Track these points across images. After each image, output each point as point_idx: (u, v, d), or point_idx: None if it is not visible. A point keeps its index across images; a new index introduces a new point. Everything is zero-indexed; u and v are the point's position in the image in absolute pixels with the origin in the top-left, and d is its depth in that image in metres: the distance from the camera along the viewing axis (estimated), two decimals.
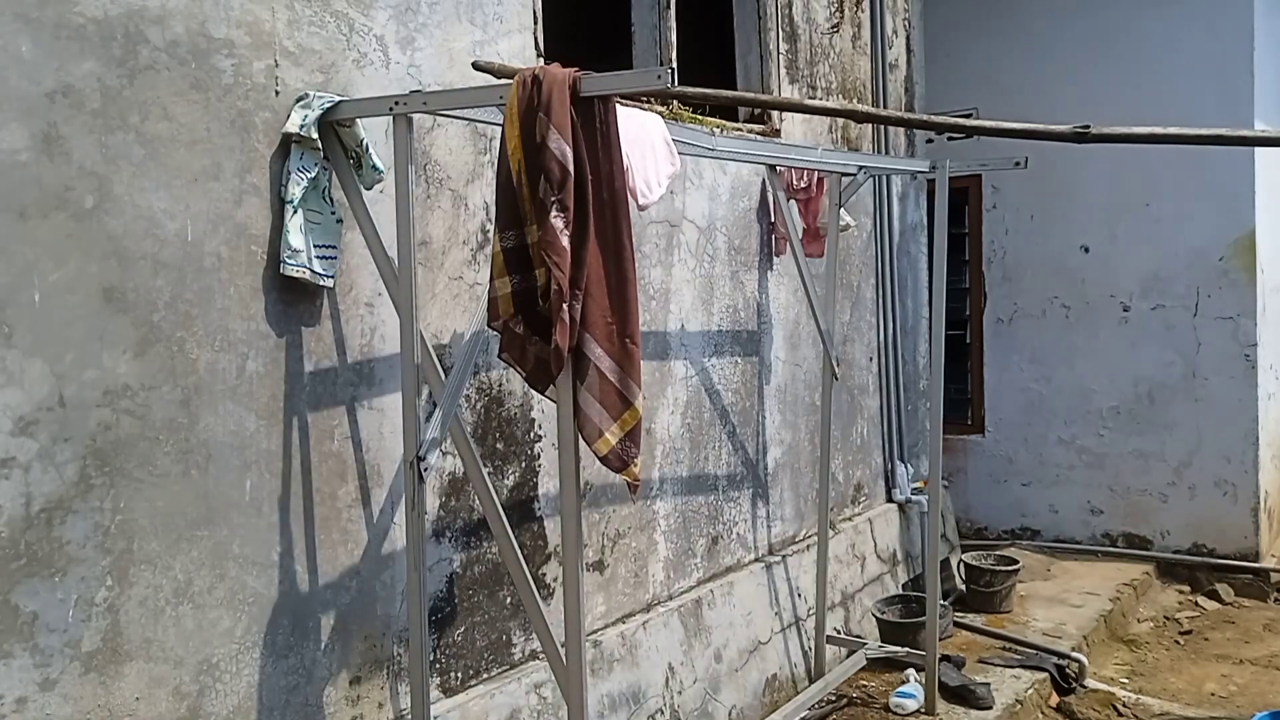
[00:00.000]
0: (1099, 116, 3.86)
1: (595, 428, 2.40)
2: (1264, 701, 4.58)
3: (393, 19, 2.92)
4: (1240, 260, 6.02)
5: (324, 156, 2.65)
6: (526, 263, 2.39)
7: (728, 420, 4.41)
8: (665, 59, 4.17)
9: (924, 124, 3.90)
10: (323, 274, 2.66)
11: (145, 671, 2.36)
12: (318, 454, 2.75)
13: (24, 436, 2.13)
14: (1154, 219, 6.15)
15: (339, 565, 2.82)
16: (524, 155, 2.33)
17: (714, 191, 4.30)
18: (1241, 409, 6.03)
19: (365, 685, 2.89)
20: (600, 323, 2.37)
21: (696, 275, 4.19)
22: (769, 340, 4.70)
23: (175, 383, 2.41)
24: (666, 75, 2.25)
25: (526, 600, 2.79)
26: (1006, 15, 6.48)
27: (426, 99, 2.53)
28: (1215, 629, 5.59)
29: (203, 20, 2.45)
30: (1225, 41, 5.90)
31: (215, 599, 2.50)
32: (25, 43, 2.13)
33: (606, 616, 3.74)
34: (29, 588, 2.15)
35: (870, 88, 5.58)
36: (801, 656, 4.69)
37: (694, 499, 4.22)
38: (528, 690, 3.30)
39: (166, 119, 2.38)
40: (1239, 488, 6.08)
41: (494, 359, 2.85)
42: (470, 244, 3.18)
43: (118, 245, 2.29)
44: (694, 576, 4.22)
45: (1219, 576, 6.10)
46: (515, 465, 3.36)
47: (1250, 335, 6.02)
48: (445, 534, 3.12)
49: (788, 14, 4.82)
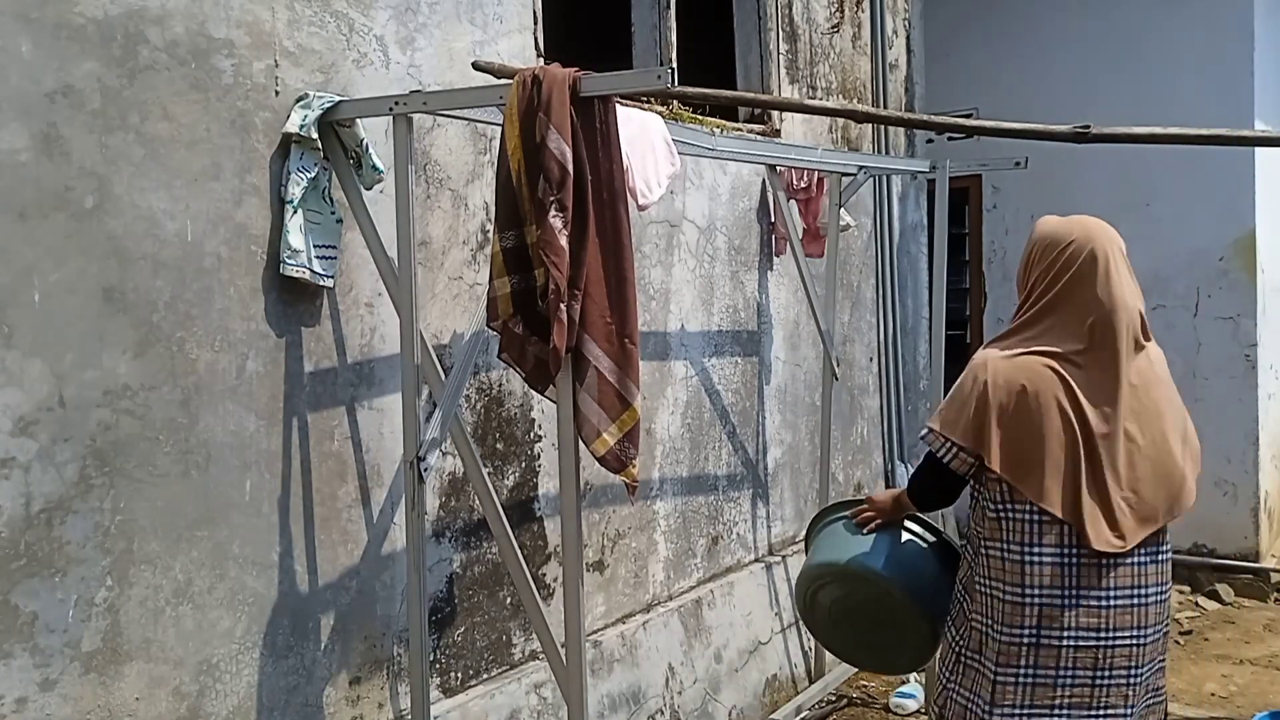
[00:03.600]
0: (1099, 116, 3.86)
1: (593, 428, 2.40)
2: (1264, 702, 4.58)
3: (393, 19, 2.92)
4: (1240, 260, 6.01)
5: (324, 156, 2.65)
6: (526, 263, 2.39)
7: (728, 420, 4.41)
8: (665, 59, 4.17)
9: (924, 124, 3.90)
10: (323, 274, 2.66)
11: (145, 671, 2.36)
12: (317, 454, 2.75)
13: (24, 436, 2.13)
14: (1154, 219, 6.14)
15: (339, 565, 2.82)
16: (524, 155, 2.33)
17: (714, 191, 4.30)
18: (1241, 409, 6.03)
19: (365, 685, 2.89)
20: (599, 323, 2.37)
21: (696, 275, 4.19)
22: (769, 340, 4.70)
23: (175, 383, 2.41)
24: (666, 75, 2.25)
25: (526, 600, 2.79)
26: (1006, 15, 6.47)
27: (426, 99, 2.53)
28: (1215, 629, 5.59)
29: (203, 20, 2.45)
30: (1225, 41, 5.90)
31: (215, 599, 2.50)
32: (25, 43, 2.13)
33: (606, 616, 3.74)
34: (29, 588, 2.15)
35: (870, 88, 5.58)
36: (801, 656, 4.69)
37: (694, 499, 4.22)
38: (528, 690, 3.30)
39: (166, 119, 2.38)
40: (1239, 488, 6.07)
41: (494, 359, 2.85)
42: (470, 244, 3.18)
43: (118, 245, 2.29)
44: (694, 576, 4.22)
45: (1219, 576, 6.09)
46: (515, 465, 3.36)
47: (1250, 335, 6.01)
48: (445, 534, 3.12)
49: (788, 14, 4.81)
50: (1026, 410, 2.39)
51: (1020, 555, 2.42)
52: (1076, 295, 2.44)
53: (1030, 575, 2.41)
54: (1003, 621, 2.44)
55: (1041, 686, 2.42)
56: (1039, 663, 2.41)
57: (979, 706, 2.48)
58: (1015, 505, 2.43)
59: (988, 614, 2.48)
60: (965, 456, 2.46)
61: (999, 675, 2.44)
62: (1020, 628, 2.42)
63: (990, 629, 2.47)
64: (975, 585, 2.52)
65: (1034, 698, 2.42)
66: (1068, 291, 2.44)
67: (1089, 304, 2.42)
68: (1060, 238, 2.50)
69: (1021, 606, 2.41)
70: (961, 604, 2.60)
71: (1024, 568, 2.41)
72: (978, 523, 2.54)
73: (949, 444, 2.48)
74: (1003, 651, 2.43)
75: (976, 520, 2.55)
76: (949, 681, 2.57)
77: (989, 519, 2.48)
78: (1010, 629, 2.43)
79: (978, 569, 2.51)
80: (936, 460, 2.52)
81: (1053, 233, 2.53)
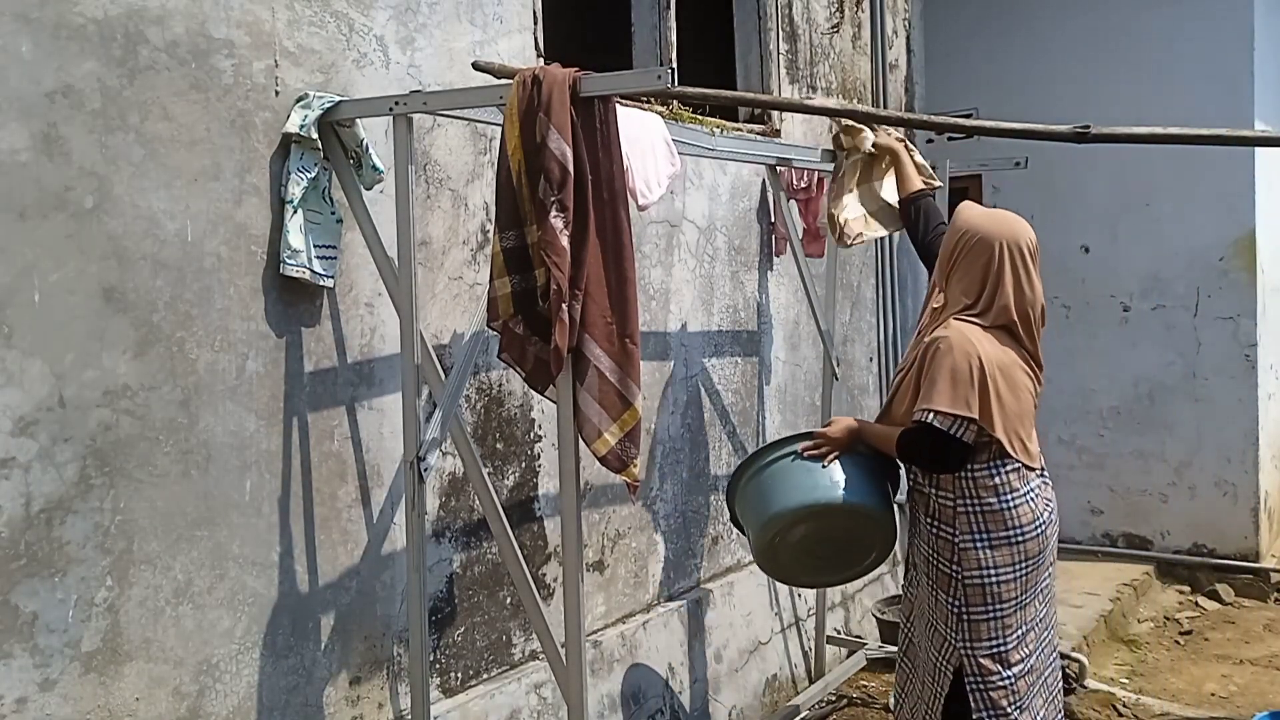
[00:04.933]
0: (1099, 116, 3.86)
1: (594, 428, 2.40)
2: (1264, 702, 4.58)
3: (393, 19, 2.92)
4: (1240, 260, 6.01)
5: (324, 156, 2.65)
6: (526, 263, 2.39)
7: (728, 420, 4.41)
8: (665, 59, 4.17)
9: (924, 124, 3.90)
10: (323, 274, 2.66)
11: (145, 672, 2.36)
12: (317, 454, 2.75)
13: (24, 436, 2.13)
14: (1154, 219, 6.14)
15: (339, 565, 2.82)
16: (524, 155, 2.33)
17: (714, 191, 4.30)
18: (1241, 409, 6.02)
19: (365, 685, 2.89)
20: (599, 323, 2.37)
21: (696, 275, 4.19)
22: (769, 340, 4.70)
23: (175, 383, 2.41)
24: (666, 75, 2.25)
25: (526, 600, 2.79)
26: (1006, 15, 6.46)
27: (426, 99, 2.53)
28: (1215, 629, 5.59)
29: (203, 20, 2.45)
30: (1225, 41, 5.89)
31: (215, 599, 2.50)
32: (25, 43, 2.13)
33: (606, 616, 3.74)
34: (29, 588, 2.15)
35: (870, 88, 5.58)
36: (801, 657, 4.69)
37: (694, 499, 4.22)
38: (528, 690, 3.30)
39: (166, 119, 2.38)
40: (1239, 488, 6.07)
41: (494, 359, 2.85)
42: (470, 244, 3.18)
43: (118, 245, 2.29)
44: (694, 576, 4.22)
45: (1219, 576, 6.09)
46: (515, 465, 3.36)
47: (1250, 335, 6.01)
48: (445, 534, 3.12)
49: (788, 14, 4.82)
50: (1010, 381, 2.80)
51: (1011, 503, 2.80)
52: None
53: (1017, 517, 2.80)
54: (997, 565, 2.79)
55: (1031, 604, 2.86)
56: (1027, 587, 2.83)
57: (1001, 643, 2.81)
58: (1005, 461, 2.80)
59: (983, 566, 2.79)
60: (973, 426, 2.73)
61: (1002, 611, 2.81)
62: (1015, 564, 2.80)
63: (987, 580, 2.79)
64: (959, 546, 2.81)
65: (1028, 616, 2.86)
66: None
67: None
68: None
69: (1011, 546, 2.79)
70: (941, 570, 2.85)
71: (1012, 512, 2.79)
72: (952, 487, 2.82)
73: (959, 420, 2.72)
74: (1004, 591, 2.79)
75: (949, 484, 2.82)
76: (960, 642, 2.83)
77: (977, 479, 2.80)
78: (1007, 569, 2.79)
79: (960, 529, 2.81)
80: (944, 435, 2.74)
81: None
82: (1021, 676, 2.83)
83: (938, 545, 2.85)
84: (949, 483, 2.83)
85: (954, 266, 2.90)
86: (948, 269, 2.93)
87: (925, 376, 2.79)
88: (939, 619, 2.87)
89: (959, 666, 2.84)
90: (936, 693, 2.89)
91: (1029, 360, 2.89)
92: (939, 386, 2.72)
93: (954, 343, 2.74)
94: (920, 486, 2.91)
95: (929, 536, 2.88)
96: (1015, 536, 2.80)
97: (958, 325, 2.80)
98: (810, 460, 2.98)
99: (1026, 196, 6.34)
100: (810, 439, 3.04)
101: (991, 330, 2.81)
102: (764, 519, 3.01)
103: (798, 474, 2.97)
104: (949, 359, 2.73)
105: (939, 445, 2.76)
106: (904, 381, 2.94)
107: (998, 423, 2.75)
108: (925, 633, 2.95)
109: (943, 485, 2.84)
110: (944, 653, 2.87)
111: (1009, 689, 2.81)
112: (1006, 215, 2.95)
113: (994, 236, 2.84)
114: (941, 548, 2.84)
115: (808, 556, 3.09)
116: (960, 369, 2.72)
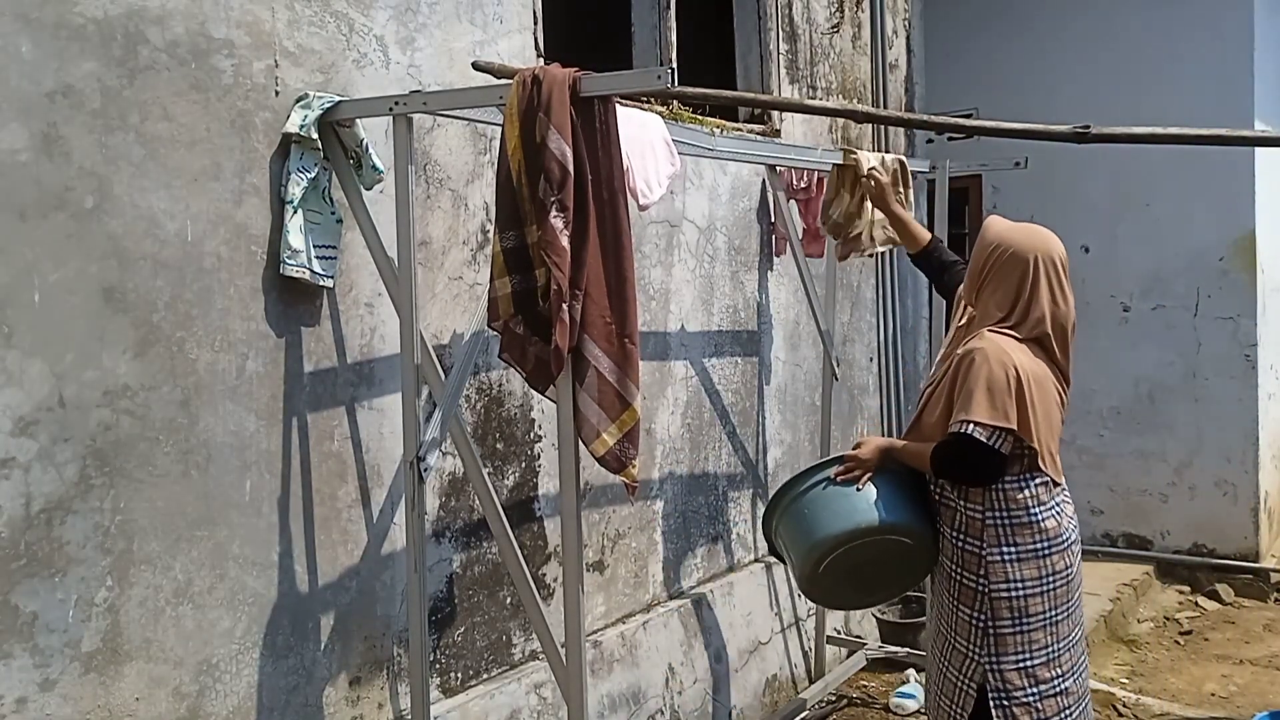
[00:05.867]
0: (1099, 116, 3.86)
1: (593, 428, 2.40)
2: (1264, 702, 4.58)
3: (393, 19, 2.92)
4: (1240, 260, 6.01)
5: (324, 156, 2.65)
6: (527, 263, 2.39)
7: (728, 420, 4.41)
8: (665, 59, 4.17)
9: (924, 124, 3.90)
10: (322, 274, 2.66)
11: (145, 672, 2.36)
12: (317, 454, 2.75)
13: (24, 436, 2.13)
14: (1154, 219, 6.14)
15: (339, 566, 2.82)
16: (524, 155, 2.33)
17: (714, 191, 4.30)
18: (1241, 409, 6.02)
19: (365, 686, 2.89)
20: (599, 323, 2.37)
21: (696, 275, 4.19)
22: (769, 340, 4.70)
23: (175, 383, 2.41)
24: (666, 75, 2.25)
25: (526, 600, 2.79)
26: (1006, 15, 6.47)
27: (426, 99, 2.53)
28: (1215, 629, 5.59)
29: (203, 20, 2.45)
30: (1225, 41, 5.89)
31: (215, 599, 2.50)
32: (25, 43, 2.13)
33: (606, 616, 3.74)
34: (29, 588, 2.15)
35: (870, 88, 5.58)
36: (801, 657, 4.69)
37: (694, 499, 4.22)
38: (528, 690, 3.30)
39: (166, 119, 2.38)
40: (1239, 488, 6.07)
41: (494, 359, 2.85)
42: (470, 244, 3.18)
43: (118, 245, 2.29)
44: (694, 576, 4.22)
45: (1219, 576, 6.09)
46: (515, 465, 3.36)
47: (1250, 335, 6.01)
48: (445, 534, 3.12)
49: (788, 14, 4.81)
50: (1043, 393, 2.75)
51: (1039, 516, 2.76)
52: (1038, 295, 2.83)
53: (1045, 530, 2.76)
54: (1024, 579, 2.75)
55: (1063, 623, 2.81)
56: (1056, 603, 2.78)
57: (1028, 657, 2.76)
58: (1035, 474, 2.77)
59: (1010, 579, 2.75)
60: (1010, 438, 2.71)
61: (1029, 625, 2.76)
62: (1042, 578, 2.76)
63: (1014, 593, 2.75)
64: (986, 559, 2.76)
65: (1060, 634, 2.81)
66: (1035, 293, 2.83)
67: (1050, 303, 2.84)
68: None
69: (1039, 559, 2.76)
70: (966, 585, 2.79)
71: (1040, 525, 2.76)
72: (982, 500, 2.77)
73: (998, 431, 2.69)
74: (1030, 605, 2.75)
75: (979, 497, 2.78)
76: (983, 656, 2.77)
77: (1007, 491, 2.76)
78: (1034, 582, 2.75)
79: (988, 542, 2.76)
80: (983, 447, 2.69)
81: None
82: (1049, 696, 2.75)
83: (964, 559, 2.79)
84: (979, 495, 2.77)
85: (985, 281, 2.85)
86: (978, 283, 2.88)
87: (960, 388, 2.73)
88: (959, 635, 2.80)
89: (982, 683, 2.77)
90: (957, 714, 2.82)
91: (1059, 376, 2.84)
92: (977, 397, 2.67)
93: (989, 353, 2.69)
94: (948, 500, 2.84)
95: (954, 550, 2.82)
96: (1043, 550, 2.75)
97: (992, 336, 2.75)
98: (844, 485, 2.92)
99: (1026, 196, 6.35)
100: (841, 463, 2.97)
101: (1025, 343, 2.77)
102: (805, 549, 2.95)
103: (835, 500, 2.91)
104: (985, 369, 2.68)
105: (978, 457, 2.70)
106: (934, 394, 2.87)
107: (1035, 433, 2.71)
108: (942, 653, 2.87)
109: (972, 498, 2.78)
110: (965, 670, 2.80)
111: (1033, 706, 2.74)
112: (1037, 228, 2.91)
113: (1028, 249, 2.80)
114: (968, 561, 2.78)
115: (853, 579, 3.01)
116: (997, 379, 2.67)
